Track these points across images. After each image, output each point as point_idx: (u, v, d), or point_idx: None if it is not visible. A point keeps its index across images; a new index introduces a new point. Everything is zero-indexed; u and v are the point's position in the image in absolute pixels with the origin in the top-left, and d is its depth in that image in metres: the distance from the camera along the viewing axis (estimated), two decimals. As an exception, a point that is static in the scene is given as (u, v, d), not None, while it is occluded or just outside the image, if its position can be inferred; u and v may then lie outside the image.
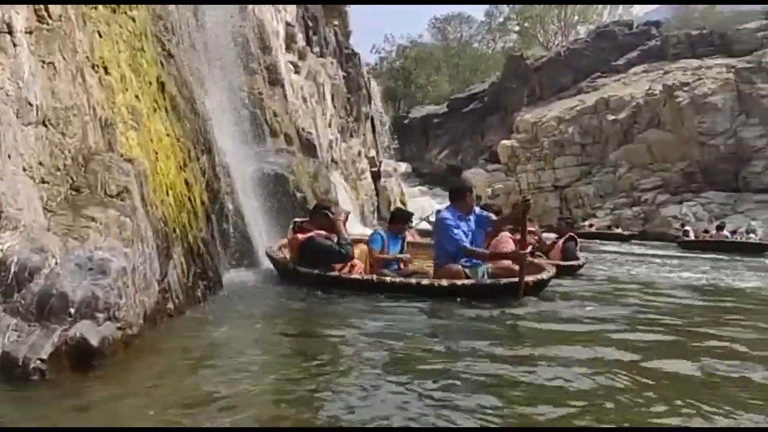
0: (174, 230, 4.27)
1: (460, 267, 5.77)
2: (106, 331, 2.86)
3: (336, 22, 26.45)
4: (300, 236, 5.87)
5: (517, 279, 5.48)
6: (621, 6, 48.56)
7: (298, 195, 8.31)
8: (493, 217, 6.43)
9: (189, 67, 6.24)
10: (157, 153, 4.39)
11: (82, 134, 3.59)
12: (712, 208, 26.16)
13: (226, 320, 4.26)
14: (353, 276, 5.73)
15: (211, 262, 5.03)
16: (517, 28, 51.93)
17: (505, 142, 34.40)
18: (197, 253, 4.72)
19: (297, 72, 16.09)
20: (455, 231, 5.84)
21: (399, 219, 6.87)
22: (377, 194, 25.41)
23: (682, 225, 23.62)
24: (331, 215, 5.97)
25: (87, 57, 3.89)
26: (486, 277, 5.74)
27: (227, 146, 7.19)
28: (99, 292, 2.89)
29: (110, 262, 3.02)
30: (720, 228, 21.10)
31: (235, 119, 8.26)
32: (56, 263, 2.88)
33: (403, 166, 40.53)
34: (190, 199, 4.93)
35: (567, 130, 31.85)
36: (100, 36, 4.13)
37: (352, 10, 28.58)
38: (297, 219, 6.39)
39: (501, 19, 52.68)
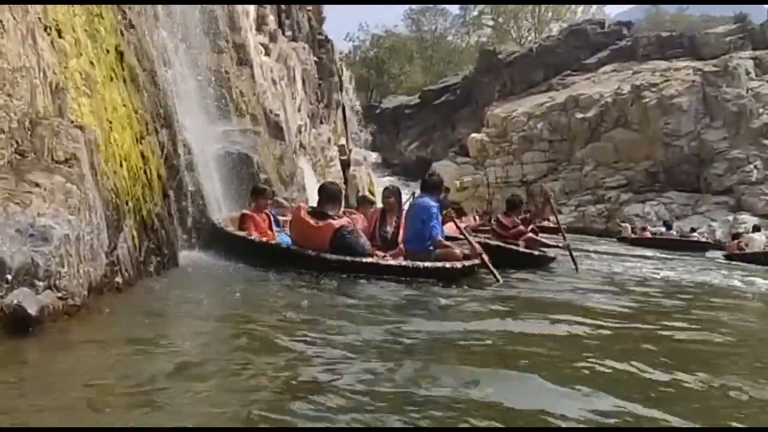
0: (126, 203, 4.15)
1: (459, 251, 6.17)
2: (45, 300, 2.76)
3: (309, 7, 26.15)
4: (335, 223, 5.64)
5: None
6: (595, 5, 49.17)
7: (262, 176, 8.18)
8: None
9: (151, 39, 6.07)
10: (111, 123, 4.25)
11: (30, 97, 3.44)
12: (673, 207, 26.69)
13: (177, 296, 4.17)
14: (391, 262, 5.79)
15: (165, 238, 4.92)
16: (491, 23, 52.12)
17: (475, 135, 34.53)
18: (151, 227, 4.61)
19: (267, 54, 15.85)
20: (438, 221, 6.24)
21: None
22: (346, 182, 25.27)
23: (622, 222, 24.99)
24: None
25: (39, 18, 3.73)
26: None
27: (190, 123, 7.04)
28: (39, 260, 2.78)
29: (53, 229, 2.91)
30: (668, 227, 22.15)
31: (200, 96, 8.08)
32: (-6, 228, 2.75)
33: (373, 156, 40.37)
34: (146, 173, 4.80)
35: (536, 126, 32.12)
36: (54, -3, 3.97)
37: (326, -5, 28.30)
38: (303, 203, 6.44)
39: (475, 13, 52.79)
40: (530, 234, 8.49)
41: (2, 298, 2.60)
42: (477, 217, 13.23)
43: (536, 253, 8.24)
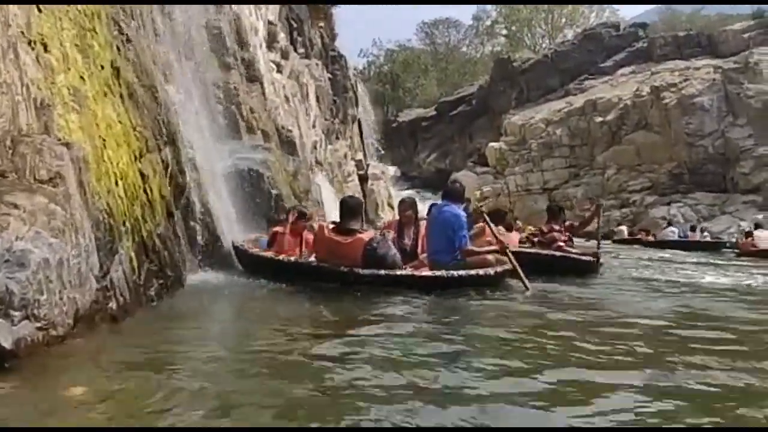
0: (123, 223, 3.92)
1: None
2: (22, 331, 2.51)
3: (321, 24, 26.13)
4: (363, 236, 5.56)
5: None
6: (608, 8, 48.69)
7: (274, 192, 7.94)
8: None
9: (151, 55, 5.88)
10: (105, 140, 4.03)
11: (12, 114, 3.23)
12: (700, 209, 26.04)
13: (179, 322, 3.91)
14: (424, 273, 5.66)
15: (169, 260, 4.68)
16: (504, 32, 51.87)
17: (493, 144, 34.17)
18: (152, 248, 4.37)
19: (279, 71, 15.74)
20: (467, 231, 6.14)
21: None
22: (364, 197, 25.05)
23: (618, 224, 25.30)
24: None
25: (22, 32, 3.53)
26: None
27: (197, 140, 6.84)
28: (14, 287, 2.53)
29: (31, 253, 2.66)
30: (692, 229, 21.89)
31: (207, 113, 7.89)
32: (-35, 254, 2.52)
33: (392, 170, 40.18)
34: (146, 192, 4.58)
35: (555, 132, 31.66)
36: (40, 11, 3.77)
37: (338, 12, 28.29)
38: (323, 222, 6.39)
39: (488, 23, 52.59)
40: (561, 243, 8.20)
41: (-27, 331, 2.36)
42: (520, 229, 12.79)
43: (584, 258, 7.96)
